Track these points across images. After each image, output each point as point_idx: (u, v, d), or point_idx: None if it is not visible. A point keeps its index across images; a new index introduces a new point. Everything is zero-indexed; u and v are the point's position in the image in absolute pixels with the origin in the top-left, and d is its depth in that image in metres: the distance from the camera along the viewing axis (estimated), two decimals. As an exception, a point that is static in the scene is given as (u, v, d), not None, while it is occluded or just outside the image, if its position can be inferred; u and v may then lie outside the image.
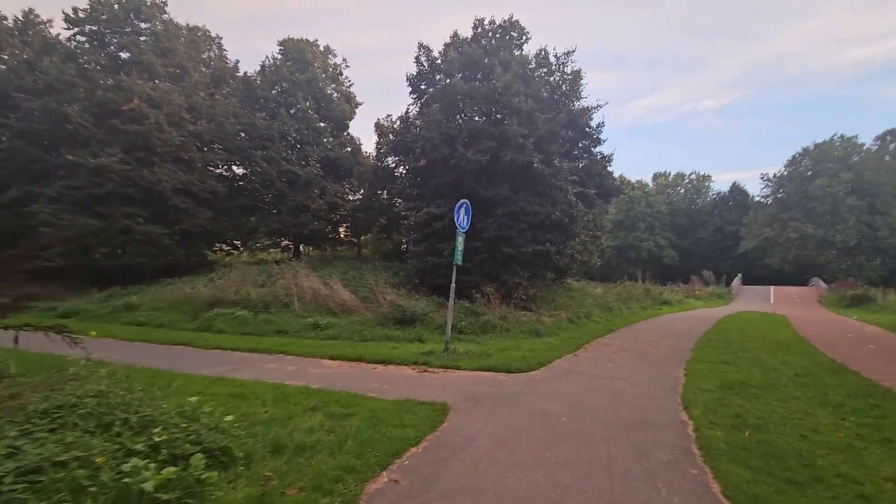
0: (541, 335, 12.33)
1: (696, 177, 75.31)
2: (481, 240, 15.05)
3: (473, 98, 15.35)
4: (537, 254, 15.09)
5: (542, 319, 14.09)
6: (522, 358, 8.67)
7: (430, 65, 17.64)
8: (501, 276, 15.15)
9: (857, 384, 6.71)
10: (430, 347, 9.59)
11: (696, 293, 35.56)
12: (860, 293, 31.09)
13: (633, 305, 21.95)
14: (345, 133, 27.37)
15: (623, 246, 64.69)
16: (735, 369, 7.83)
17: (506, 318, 13.12)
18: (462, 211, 9.44)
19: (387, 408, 5.27)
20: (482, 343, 11.01)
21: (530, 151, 14.23)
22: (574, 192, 15.22)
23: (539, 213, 14.66)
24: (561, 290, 20.83)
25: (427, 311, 12.68)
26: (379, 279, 15.70)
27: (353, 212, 27.19)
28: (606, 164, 17.25)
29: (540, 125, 14.69)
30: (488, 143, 14.66)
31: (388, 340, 11.13)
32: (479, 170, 15.00)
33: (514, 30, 17.20)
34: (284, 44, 25.74)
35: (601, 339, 12.02)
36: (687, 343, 11.38)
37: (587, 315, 16.44)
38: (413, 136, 16.96)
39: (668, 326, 15.21)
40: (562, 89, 16.49)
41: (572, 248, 17.45)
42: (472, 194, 15.08)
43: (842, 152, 54.49)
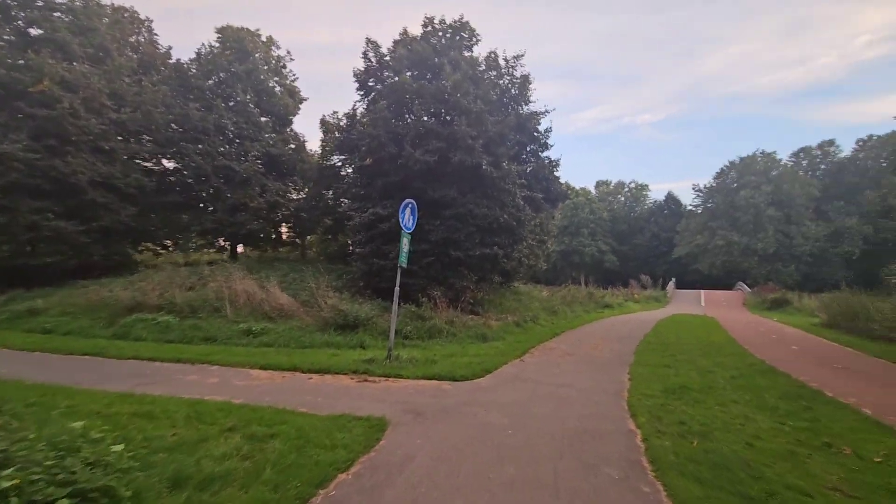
0: (488, 340, 12.13)
1: (634, 186, 79.18)
2: (429, 242, 14.68)
3: (422, 97, 14.98)
4: (485, 257, 14.93)
5: (489, 323, 13.91)
6: (468, 364, 8.36)
7: (379, 61, 17.10)
8: (449, 279, 14.85)
9: (788, 386, 6.94)
10: (372, 354, 9.07)
11: (634, 297, 37.07)
12: (779, 297, 33.70)
13: (578, 309, 22.40)
14: (288, 129, 26.13)
15: (567, 250, 66.79)
16: (675, 373, 7.92)
17: (453, 323, 12.81)
18: (407, 211, 9.01)
19: (317, 425, 4.73)
20: (428, 349, 10.62)
21: (479, 153, 14.05)
22: (522, 195, 15.21)
23: (487, 216, 14.50)
24: (508, 293, 20.86)
25: (371, 316, 12.12)
26: (321, 282, 14.90)
27: (296, 211, 25.98)
28: (554, 168, 17.44)
29: (489, 127, 14.55)
30: (437, 143, 14.33)
31: (328, 347, 10.48)
32: (427, 170, 14.64)
33: (464, 31, 17.03)
34: (223, 31, 24.20)
35: (547, 343, 11.97)
36: (629, 346, 11.57)
37: (534, 319, 16.49)
38: (359, 133, 16.34)
39: (610, 330, 15.52)
40: (511, 93, 16.49)
41: (520, 252, 17.47)
42: (420, 195, 14.68)
43: (763, 166, 59.18)
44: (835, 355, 10.68)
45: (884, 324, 13.73)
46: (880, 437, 4.66)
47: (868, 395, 6.58)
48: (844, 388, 6.94)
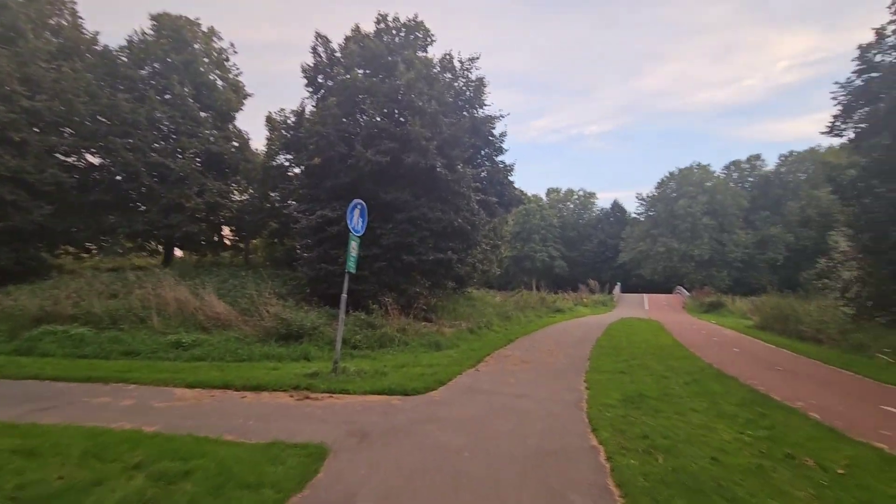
0: (441, 348, 11.68)
1: (583, 194, 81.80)
2: (380, 247, 14.08)
3: (374, 95, 14.40)
4: (439, 262, 14.51)
5: (442, 331, 13.48)
6: (421, 376, 7.86)
7: (329, 57, 16.36)
8: (401, 285, 14.30)
9: (740, 391, 6.96)
10: (316, 367, 8.36)
11: (584, 301, 37.98)
12: (714, 300, 35.68)
13: (530, 314, 22.47)
14: (230, 126, 24.58)
15: (519, 256, 67.76)
16: (631, 379, 7.80)
17: (405, 331, 12.27)
18: (356, 212, 8.41)
19: (244, 457, 4.07)
20: (378, 359, 10.03)
21: (433, 155, 13.65)
22: (477, 199, 14.95)
23: (441, 220, 14.10)
24: (462, 299, 20.56)
25: (317, 325, 11.35)
26: (264, 289, 13.90)
27: (239, 213, 24.45)
28: (508, 173, 17.35)
29: (443, 129, 14.20)
30: (389, 143, 13.80)
31: (269, 360, 9.64)
32: (379, 172, 14.06)
33: (418, 30, 16.63)
34: (158, 19, 22.42)
35: (502, 350, 11.69)
36: (583, 351, 11.50)
37: (487, 325, 16.24)
38: (307, 131, 15.49)
39: (563, 335, 15.52)
40: (466, 95, 16.24)
41: (474, 257, 17.21)
42: (371, 197, 14.06)
43: (699, 178, 62.84)
44: (773, 357, 11.09)
45: (811, 326, 14.56)
46: (836, 445, 4.62)
47: (812, 398, 6.70)
48: (790, 391, 7.06)
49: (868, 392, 7.30)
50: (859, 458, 4.29)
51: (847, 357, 10.88)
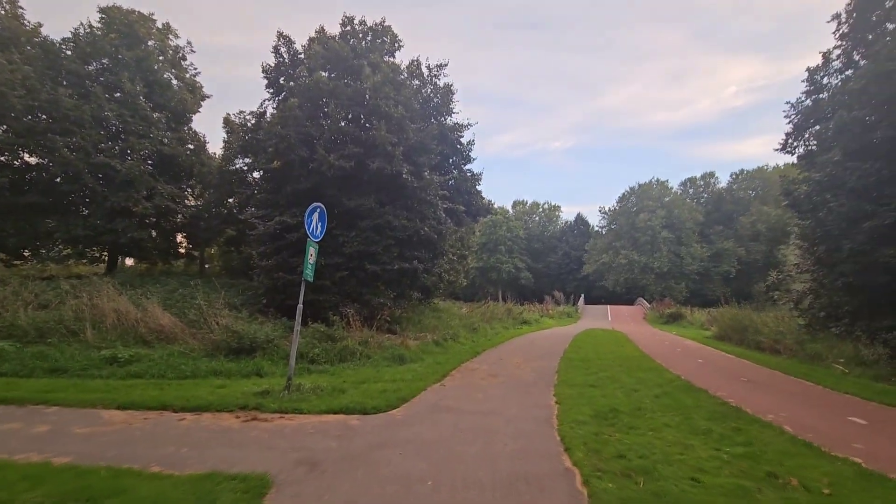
0: (405, 361, 11.16)
1: (548, 206, 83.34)
2: (343, 255, 13.49)
3: (339, 98, 13.89)
4: (404, 272, 14.04)
5: (407, 343, 12.96)
6: (382, 392, 7.34)
7: (292, 58, 15.76)
8: (364, 295, 13.72)
9: (711, 404, 6.82)
10: (268, 384, 7.70)
11: (549, 312, 38.22)
12: (674, 311, 36.64)
13: (497, 325, 22.23)
14: (186, 128, 23.39)
15: (486, 267, 68.00)
16: (601, 393, 7.56)
17: (367, 343, 11.68)
18: (315, 217, 7.86)
19: (169, 494, 3.47)
20: (337, 374, 9.42)
21: (399, 161, 13.24)
22: (444, 207, 14.61)
23: (407, 228, 13.66)
24: (427, 310, 20.09)
25: (272, 338, 10.62)
26: (215, 299, 13.00)
27: (193, 219, 23.17)
28: (476, 182, 17.12)
29: (410, 135, 13.83)
30: (354, 148, 13.30)
31: (216, 376, 8.85)
32: (342, 177, 13.51)
33: (385, 35, 16.29)
34: (107, 12, 21.12)
35: (469, 363, 11.28)
36: (551, 363, 11.26)
37: (454, 337, 15.83)
38: (267, 133, 14.77)
39: (531, 347, 15.29)
40: (434, 102, 15.97)
41: (440, 267, 16.82)
42: (334, 204, 13.52)
43: (657, 193, 65.18)
44: (736, 368, 11.19)
45: (769, 336, 14.93)
46: (815, 462, 4.44)
47: (781, 410, 6.62)
48: (759, 403, 6.98)
49: (832, 403, 7.33)
50: (840, 475, 4.11)
51: (805, 367, 11.10)
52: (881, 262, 9.79)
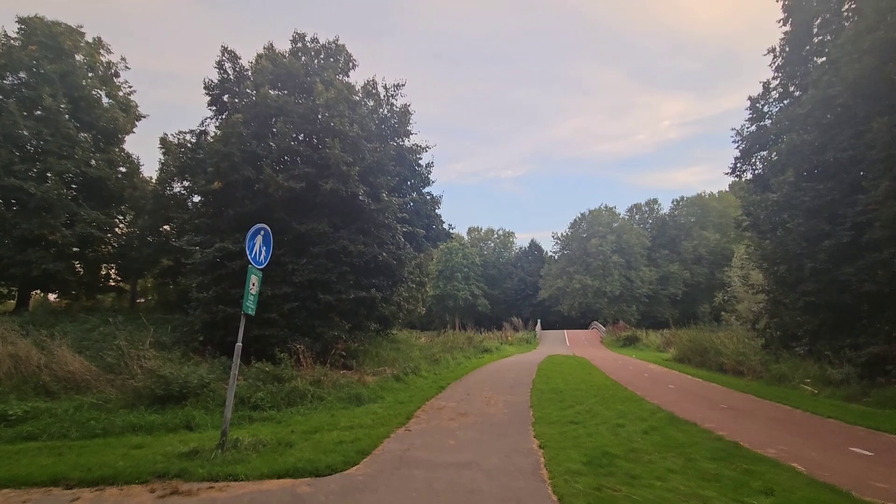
0: (363, 402, 10.02)
1: (503, 233, 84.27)
2: (292, 284, 12.27)
3: (288, 116, 12.93)
4: (361, 301, 12.96)
5: (364, 380, 11.79)
6: (338, 444, 6.24)
7: (237, 74, 14.69)
8: (317, 328, 12.49)
9: (705, 439, 6.22)
10: (198, 442, 6.39)
11: (509, 339, 37.70)
12: (630, 335, 37.08)
13: (459, 355, 21.28)
14: (117, 148, 21.45)
15: (442, 295, 67.12)
16: (586, 432, 6.81)
17: (320, 383, 10.44)
18: (259, 240, 6.79)
19: None
20: (285, 421, 8.18)
21: (355, 182, 12.36)
22: (403, 231, 13.77)
23: (364, 254, 12.67)
24: (385, 342, 18.90)
25: (207, 381, 9.19)
26: (142, 337, 11.33)
27: (124, 248, 21.01)
28: (435, 205, 16.47)
29: (367, 155, 13.04)
30: (305, 168, 12.32)
31: (135, 433, 7.38)
32: (292, 199, 12.44)
33: (339, 54, 15.60)
34: (27, 23, 19.23)
35: (434, 400, 10.27)
36: (522, 396, 10.47)
37: (415, 370, 14.75)
38: (208, 152, 13.50)
39: (497, 377, 14.46)
40: (391, 123, 15.31)
41: (399, 296, 15.82)
42: (283, 228, 12.38)
43: (607, 219, 67.47)
44: (709, 393, 10.85)
45: (731, 358, 14.93)
46: (849, 510, 3.84)
47: (779, 443, 6.13)
48: (753, 436, 6.47)
49: (821, 430, 6.96)
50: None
51: (774, 389, 10.93)
52: (841, 281, 9.86)
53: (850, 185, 10.41)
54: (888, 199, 9.39)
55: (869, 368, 9.50)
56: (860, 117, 10.48)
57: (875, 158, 9.85)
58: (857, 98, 10.32)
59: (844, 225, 9.92)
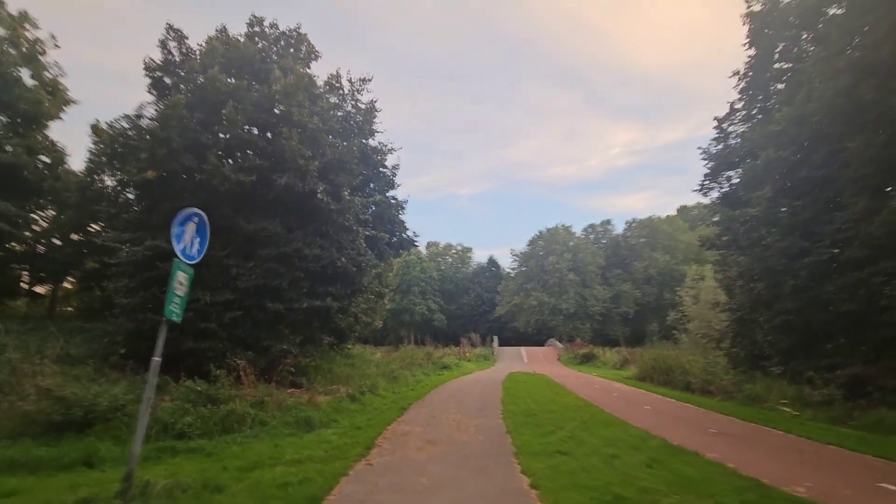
0: (314, 427, 8.68)
1: (461, 248, 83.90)
2: (236, 291, 10.79)
3: (241, 103, 11.55)
4: (315, 311, 11.61)
5: (315, 400, 10.40)
6: (282, 488, 4.97)
7: (184, 55, 13.14)
8: (262, 341, 11.01)
9: (719, 475, 5.44)
10: (98, 484, 4.95)
11: (467, 356, 36.72)
12: (588, 352, 37.09)
13: (418, 372, 20.06)
14: (39, 135, 19.01)
15: (398, 309, 65.42)
16: (579, 465, 5.89)
17: (263, 405, 9.00)
18: (191, 229, 5.49)
19: None
20: (218, 454, 6.76)
21: (313, 178, 11.12)
22: (365, 234, 12.59)
23: (321, 259, 11.38)
24: (340, 357, 17.43)
25: (123, 403, 7.59)
26: (45, 349, 9.45)
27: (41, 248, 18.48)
28: (400, 210, 15.38)
29: (327, 150, 11.84)
30: (258, 160, 10.99)
31: (14, 473, 5.75)
32: (240, 194, 11.03)
33: (301, 43, 14.37)
34: (-67, -16, 16.79)
35: (396, 424, 9.07)
36: (494, 420, 9.47)
37: (372, 388, 13.43)
38: (143, 137, 11.84)
39: (462, 397, 13.39)
40: (355, 119, 14.18)
41: (357, 307, 14.50)
42: (228, 227, 10.92)
43: (563, 237, 68.60)
44: (690, 415, 10.29)
45: (699, 377, 14.63)
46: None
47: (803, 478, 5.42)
48: (771, 469, 5.75)
49: (832, 461, 6.43)
50: None
51: (752, 411, 10.53)
52: (822, 300, 9.64)
53: (826, 203, 10.33)
54: (866, 218, 9.27)
55: (849, 390, 9.23)
56: (835, 136, 10.48)
57: (852, 177, 9.78)
58: (833, 117, 10.29)
59: (823, 242, 9.76)
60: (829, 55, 10.85)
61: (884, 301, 8.70)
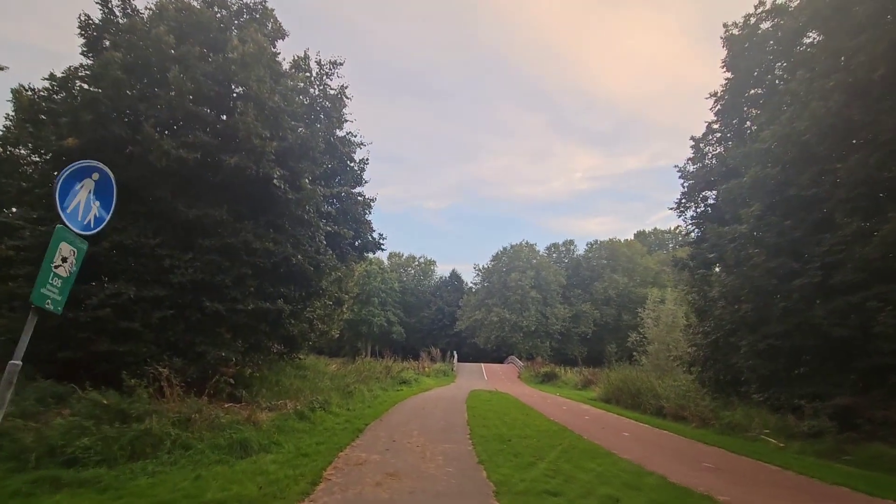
0: (251, 451, 7.21)
1: (424, 261, 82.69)
2: (168, 286, 9.17)
3: (190, 71, 10.05)
4: (263, 314, 10.11)
5: (256, 417, 8.88)
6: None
7: (127, 14, 11.51)
8: (197, 346, 9.41)
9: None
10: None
11: (426, 371, 35.34)
12: (549, 371, 36.54)
13: (375, 386, 18.57)
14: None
15: (357, 320, 63.25)
16: (576, 510, 4.81)
17: (189, 423, 7.44)
18: (87, 188, 4.09)
19: None
20: (115, 490, 5.26)
21: (270, 162, 9.73)
22: (327, 230, 11.23)
23: (273, 254, 9.93)
24: (290, 368, 15.77)
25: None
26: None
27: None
28: (367, 208, 14.09)
29: (288, 134, 10.50)
30: (204, 136, 9.50)
31: None
32: (182, 174, 9.49)
33: (267, 19, 13.00)
34: None
35: (350, 450, 7.72)
36: (463, 445, 8.30)
37: (324, 404, 11.95)
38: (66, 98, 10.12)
39: (424, 417, 12.13)
40: (322, 105, 12.88)
41: (313, 312, 13.01)
42: (165, 211, 9.38)
43: (527, 254, 68.79)
44: (674, 444, 9.48)
45: (673, 402, 14.02)
46: None
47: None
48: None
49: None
50: None
51: (733, 440, 9.89)
52: (812, 324, 9.14)
53: (815, 223, 9.96)
54: (859, 241, 8.88)
55: (838, 422, 8.69)
56: (822, 156, 10.18)
57: (842, 198, 9.42)
58: (822, 136, 9.97)
59: (813, 264, 9.31)
60: (814, 76, 10.64)
61: (878, 328, 8.25)
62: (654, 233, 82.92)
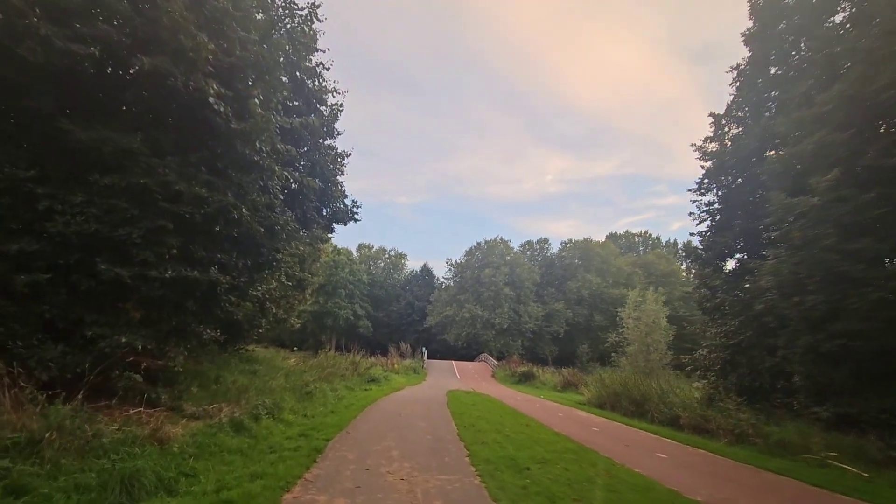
0: (141, 495, 4.54)
1: (395, 254, 79.67)
2: (43, 238, 6.31)
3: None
4: (190, 286, 7.30)
5: (165, 432, 6.14)
6: None
7: None
8: (87, 328, 6.55)
9: None
10: None
11: (395, 367, 32.72)
12: (527, 370, 34.51)
13: (340, 385, 15.86)
14: None
15: (321, 312, 59.90)
16: None
17: (39, 447, 4.67)
18: None
19: None
20: None
21: (205, 76, 6.95)
22: (286, 174, 8.49)
23: (206, 203, 7.13)
24: (236, 361, 12.94)
25: None
26: None
27: None
28: (340, 165, 11.37)
29: (237, 45, 7.72)
30: (107, 27, 6.63)
31: None
32: (73, 79, 6.60)
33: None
34: None
35: (300, 486, 5.12)
36: (464, 476, 5.85)
37: (273, 409, 9.29)
38: None
39: (401, 427, 9.58)
40: (285, 24, 10.07)
41: (267, 290, 10.21)
42: (44, 130, 6.47)
43: (501, 251, 66.92)
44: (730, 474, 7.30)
45: (694, 411, 12.02)
46: None
47: None
48: None
49: None
50: None
51: (797, 465, 7.86)
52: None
53: (899, 199, 8.02)
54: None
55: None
56: (909, 118, 8.25)
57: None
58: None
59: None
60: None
61: None
62: (626, 235, 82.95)
